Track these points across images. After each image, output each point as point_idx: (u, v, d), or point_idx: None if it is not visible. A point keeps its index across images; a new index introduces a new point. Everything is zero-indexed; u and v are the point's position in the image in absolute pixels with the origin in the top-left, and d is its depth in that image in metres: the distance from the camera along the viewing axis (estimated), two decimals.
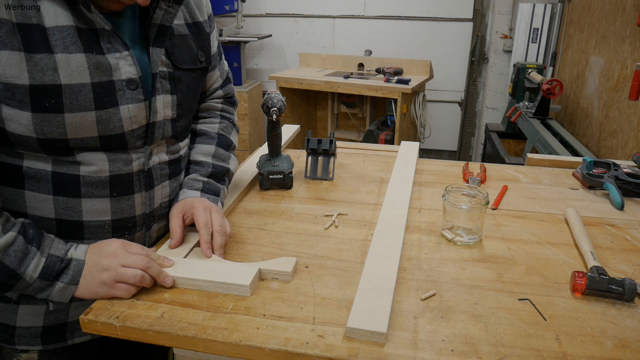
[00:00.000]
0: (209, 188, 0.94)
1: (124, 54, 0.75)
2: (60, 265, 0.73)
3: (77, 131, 0.72)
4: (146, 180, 0.84)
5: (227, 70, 1.09)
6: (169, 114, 0.85)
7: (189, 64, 0.88)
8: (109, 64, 0.73)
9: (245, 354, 0.66)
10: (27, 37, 0.66)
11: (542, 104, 2.57)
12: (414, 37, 3.86)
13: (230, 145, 1.04)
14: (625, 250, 0.92)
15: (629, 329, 0.70)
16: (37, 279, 0.71)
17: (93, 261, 0.75)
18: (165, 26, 0.81)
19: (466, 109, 3.97)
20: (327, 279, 0.81)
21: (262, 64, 4.26)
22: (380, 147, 1.52)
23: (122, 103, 0.76)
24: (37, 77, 0.67)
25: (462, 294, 0.78)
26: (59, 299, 0.74)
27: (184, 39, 0.87)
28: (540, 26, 3.18)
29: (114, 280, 0.73)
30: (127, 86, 0.76)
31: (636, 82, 1.68)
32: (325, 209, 1.08)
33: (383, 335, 0.65)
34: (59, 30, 0.68)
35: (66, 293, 0.74)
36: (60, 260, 0.73)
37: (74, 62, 0.69)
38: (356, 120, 3.94)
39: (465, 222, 0.94)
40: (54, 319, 0.84)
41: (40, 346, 0.84)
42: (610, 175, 1.18)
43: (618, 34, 2.11)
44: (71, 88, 0.70)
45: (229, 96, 1.10)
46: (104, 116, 0.74)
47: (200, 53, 0.91)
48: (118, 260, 0.74)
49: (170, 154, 0.89)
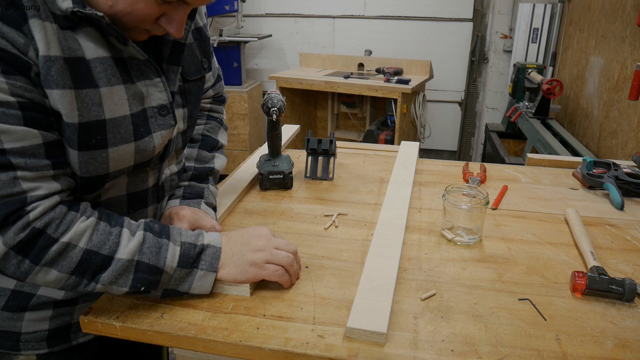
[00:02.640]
0: (190, 191, 0.93)
1: (155, 80, 0.74)
2: (195, 251, 0.73)
3: (117, 164, 0.71)
4: (158, 193, 0.85)
5: (217, 67, 1.07)
6: (182, 127, 0.84)
7: (195, 74, 0.86)
8: (141, 92, 0.72)
9: (245, 354, 0.66)
10: (75, 72, 0.64)
11: (542, 104, 2.57)
12: (414, 37, 3.86)
13: (216, 145, 1.02)
14: (625, 250, 0.92)
15: (629, 329, 0.70)
16: (177, 268, 0.71)
17: (242, 241, 0.76)
18: (181, 43, 0.78)
19: (466, 109, 3.97)
20: (327, 279, 0.81)
21: (262, 64, 4.26)
22: (380, 147, 1.52)
23: (154, 130, 0.75)
24: (85, 114, 0.65)
25: (462, 294, 0.78)
26: (200, 289, 0.73)
27: (191, 49, 0.85)
28: (540, 26, 3.18)
29: (265, 260, 0.75)
30: (159, 112, 0.75)
31: (636, 82, 1.68)
32: (325, 209, 1.08)
33: (383, 335, 0.65)
34: (100, 62, 0.66)
35: (206, 282, 0.73)
36: (194, 247, 0.73)
37: (116, 94, 0.68)
38: (356, 120, 3.94)
39: (465, 222, 0.94)
40: (60, 321, 0.84)
41: (46, 349, 0.84)
42: (610, 175, 1.18)
43: (618, 34, 2.11)
44: (114, 122, 0.68)
45: (219, 95, 1.08)
46: (142, 146, 0.73)
47: (204, 60, 0.90)
48: (271, 242, 0.77)
49: (179, 164, 0.90)
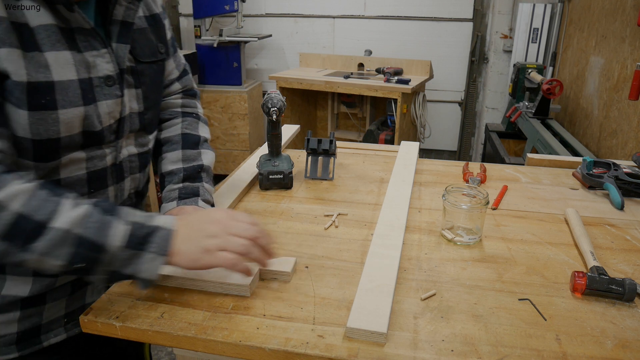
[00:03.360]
0: (186, 192, 0.93)
1: (102, 51, 0.76)
2: (144, 231, 0.68)
3: (68, 128, 0.73)
4: (117, 173, 0.85)
5: (184, 63, 1.07)
6: (136, 108, 0.86)
7: (150, 57, 0.88)
8: (87, 61, 0.74)
9: (245, 354, 0.66)
10: (20, 35, 0.67)
11: (542, 104, 2.57)
12: (414, 37, 3.86)
13: (199, 141, 1.01)
14: (625, 250, 0.92)
15: (629, 329, 0.70)
16: (124, 248, 0.66)
17: (197, 227, 0.72)
18: (129, 22, 0.81)
19: (466, 109, 3.97)
20: (327, 279, 0.81)
21: (262, 64, 4.26)
22: (380, 147, 1.52)
23: (99, 99, 0.76)
24: (33, 75, 0.67)
25: (462, 294, 0.78)
26: (147, 274, 0.68)
27: (144, 33, 0.88)
28: (540, 26, 3.19)
29: (218, 247, 0.70)
30: (105, 83, 0.77)
31: (636, 82, 1.68)
32: (325, 209, 1.08)
33: (383, 335, 0.65)
34: (44, 29, 0.69)
35: (154, 265, 0.68)
36: (142, 227, 0.69)
37: (62, 58, 0.70)
38: (356, 120, 3.94)
39: (465, 222, 0.94)
40: (28, 323, 0.82)
41: (16, 353, 0.82)
42: (610, 175, 1.18)
43: (618, 34, 2.11)
44: (62, 84, 0.71)
45: (188, 89, 1.08)
46: (89, 111, 0.75)
47: (160, 45, 0.92)
48: (226, 228, 0.71)
49: (139, 146, 0.90)
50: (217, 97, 3.74)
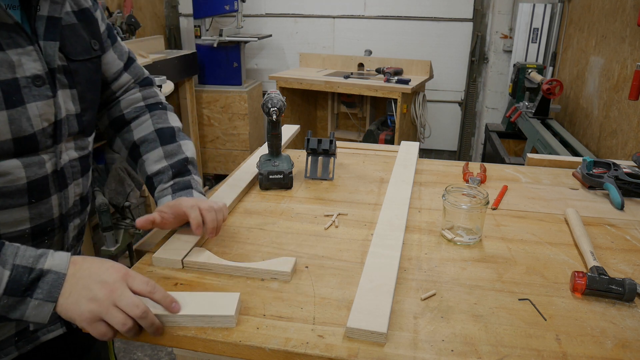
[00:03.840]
0: (179, 187, 0.91)
1: (28, 49, 0.70)
2: (29, 277, 0.63)
3: None
4: (59, 180, 0.80)
5: (127, 50, 0.99)
6: (72, 109, 0.80)
7: (83, 55, 0.82)
8: (11, 60, 0.68)
9: (245, 354, 0.66)
10: None
11: (542, 104, 2.57)
12: (414, 37, 3.86)
13: (173, 133, 0.97)
14: (625, 250, 0.92)
15: (629, 329, 0.70)
16: (3, 296, 0.61)
17: (83, 282, 0.65)
18: (55, 17, 0.75)
19: (466, 109, 3.97)
20: (327, 279, 0.81)
21: (262, 64, 4.26)
22: (380, 147, 1.52)
23: (29, 101, 0.71)
24: None
25: (462, 294, 0.78)
26: (35, 318, 0.64)
27: (74, 29, 0.81)
28: (540, 26, 3.18)
29: (96, 316, 0.64)
30: (34, 83, 0.71)
31: (636, 82, 1.68)
32: (325, 209, 1.08)
33: (383, 335, 0.65)
34: None
35: (43, 312, 0.64)
36: (29, 271, 0.63)
37: None
38: (356, 120, 3.94)
39: (465, 222, 0.94)
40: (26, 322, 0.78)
41: (15, 353, 0.81)
42: (610, 175, 1.18)
43: (618, 34, 2.11)
44: None
45: (142, 78, 1.01)
46: (15, 115, 0.69)
47: (94, 41, 0.86)
48: (113, 297, 0.64)
49: (79, 150, 0.85)
50: (217, 97, 3.74)
